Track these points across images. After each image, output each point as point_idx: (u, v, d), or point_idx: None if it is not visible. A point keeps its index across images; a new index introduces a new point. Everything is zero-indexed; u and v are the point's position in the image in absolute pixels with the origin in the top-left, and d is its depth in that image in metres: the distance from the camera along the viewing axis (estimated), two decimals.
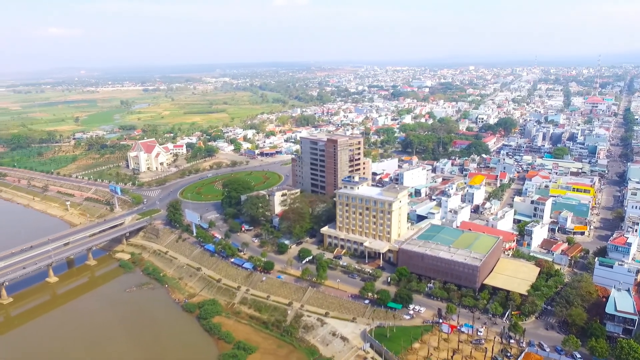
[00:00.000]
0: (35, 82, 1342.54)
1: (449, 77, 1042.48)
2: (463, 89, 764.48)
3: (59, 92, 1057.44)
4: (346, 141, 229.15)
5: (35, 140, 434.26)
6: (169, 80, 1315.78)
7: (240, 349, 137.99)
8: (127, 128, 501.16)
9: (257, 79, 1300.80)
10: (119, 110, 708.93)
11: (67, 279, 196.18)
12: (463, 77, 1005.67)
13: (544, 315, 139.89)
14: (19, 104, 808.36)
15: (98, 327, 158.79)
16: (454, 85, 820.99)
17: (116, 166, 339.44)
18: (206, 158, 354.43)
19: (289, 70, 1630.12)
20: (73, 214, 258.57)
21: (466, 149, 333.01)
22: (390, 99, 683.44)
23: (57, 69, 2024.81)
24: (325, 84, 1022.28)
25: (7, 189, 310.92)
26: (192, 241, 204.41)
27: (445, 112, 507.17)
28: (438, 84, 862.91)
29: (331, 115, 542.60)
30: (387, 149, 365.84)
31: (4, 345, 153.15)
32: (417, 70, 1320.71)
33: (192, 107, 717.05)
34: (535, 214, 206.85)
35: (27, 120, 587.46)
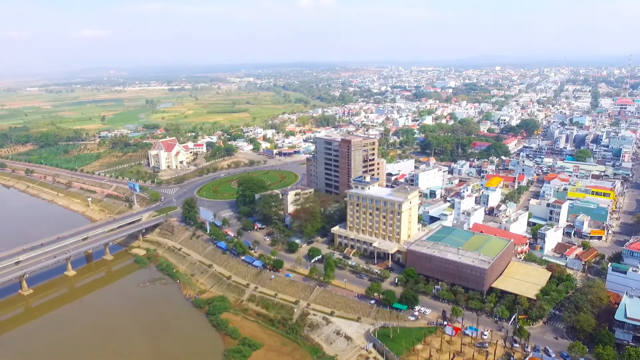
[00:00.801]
0: (67, 81, 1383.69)
1: (474, 77, 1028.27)
2: (487, 89, 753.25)
3: (88, 92, 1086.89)
4: (360, 141, 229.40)
5: (62, 138, 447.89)
6: (194, 80, 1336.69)
7: (245, 345, 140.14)
8: (150, 127, 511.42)
9: (282, 79, 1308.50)
10: (144, 109, 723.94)
11: (85, 273, 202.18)
12: (488, 78, 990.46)
13: (552, 321, 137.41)
14: (50, 103, 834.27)
15: (111, 320, 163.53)
16: (478, 86, 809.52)
17: (137, 164, 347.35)
18: (225, 157, 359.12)
19: (313, 70, 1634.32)
20: (94, 210, 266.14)
21: (485, 151, 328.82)
22: (413, 99, 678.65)
23: (88, 69, 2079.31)
24: (348, 84, 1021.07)
25: (34, 185, 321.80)
26: (206, 238, 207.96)
27: (467, 113, 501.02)
28: (462, 85, 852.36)
29: (352, 116, 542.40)
30: (406, 150, 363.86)
31: (24, 334, 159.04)
32: (442, 70, 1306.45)
33: (215, 107, 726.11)
34: (551, 217, 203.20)
35: (57, 118, 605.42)
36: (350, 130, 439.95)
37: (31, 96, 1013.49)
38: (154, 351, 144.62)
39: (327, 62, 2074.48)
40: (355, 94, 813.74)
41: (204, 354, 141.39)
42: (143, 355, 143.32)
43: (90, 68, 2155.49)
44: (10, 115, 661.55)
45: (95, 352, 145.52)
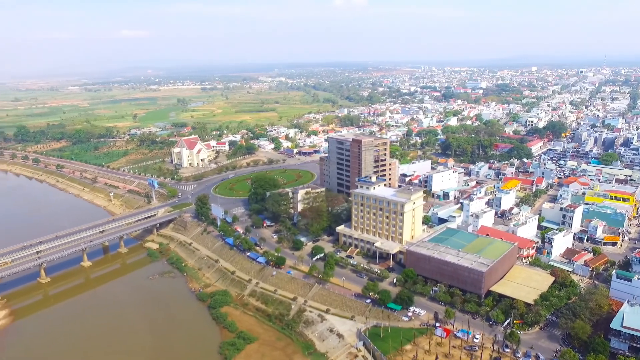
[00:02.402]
0: (106, 80, 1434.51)
1: (508, 78, 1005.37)
2: (519, 90, 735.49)
3: (124, 90, 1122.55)
4: (371, 142, 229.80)
5: (94, 135, 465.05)
6: (227, 80, 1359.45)
7: (240, 339, 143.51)
8: (178, 125, 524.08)
9: (313, 78, 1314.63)
10: (175, 108, 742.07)
11: (101, 264, 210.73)
12: (523, 79, 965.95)
13: (550, 327, 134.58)
14: (87, 102, 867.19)
15: (119, 309, 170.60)
16: (510, 87, 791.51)
17: (161, 161, 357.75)
18: (246, 155, 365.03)
19: (345, 70, 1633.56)
20: (115, 204, 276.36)
21: (507, 153, 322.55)
22: (441, 100, 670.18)
23: (126, 69, 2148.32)
24: (378, 84, 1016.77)
25: (63, 179, 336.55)
26: (215, 234, 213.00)
27: (494, 114, 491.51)
28: (494, 86, 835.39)
29: (377, 116, 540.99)
30: (427, 151, 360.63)
31: (40, 320, 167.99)
32: (475, 71, 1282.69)
33: (244, 106, 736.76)
34: (564, 222, 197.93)
35: (92, 116, 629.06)
36: (374, 131, 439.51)
37: (71, 95, 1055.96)
38: (154, 340, 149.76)
39: (359, 63, 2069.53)
40: (384, 94, 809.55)
41: (201, 346, 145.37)
42: (144, 343, 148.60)
43: (128, 67, 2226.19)
44: (50, 113, 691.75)
45: (102, 338, 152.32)
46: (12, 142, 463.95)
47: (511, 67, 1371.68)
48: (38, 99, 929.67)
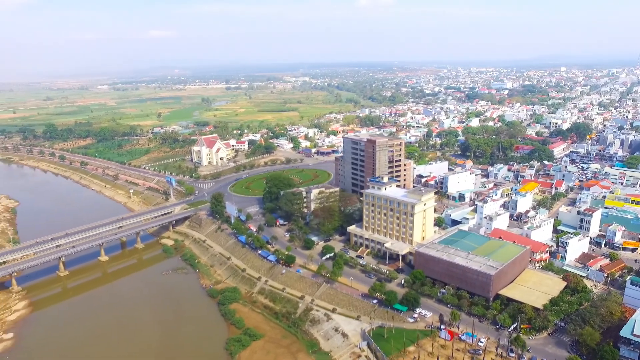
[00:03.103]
0: (134, 80, 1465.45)
1: (535, 78, 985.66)
2: (546, 91, 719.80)
3: (151, 90, 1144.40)
4: (385, 142, 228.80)
5: (119, 133, 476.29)
6: (251, 79, 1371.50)
7: (246, 335, 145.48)
8: (200, 124, 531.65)
9: (337, 78, 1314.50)
10: (199, 107, 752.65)
11: (118, 259, 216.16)
12: (550, 79, 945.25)
13: (558, 333, 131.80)
14: (115, 100, 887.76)
15: (133, 303, 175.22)
16: (536, 88, 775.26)
17: (182, 159, 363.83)
18: (264, 155, 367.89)
19: (370, 70, 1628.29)
20: (135, 201, 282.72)
21: (528, 155, 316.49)
22: (465, 101, 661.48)
23: (154, 68, 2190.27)
24: (402, 84, 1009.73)
25: (87, 176, 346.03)
26: (229, 232, 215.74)
27: (517, 115, 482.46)
28: (520, 86, 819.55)
29: (398, 117, 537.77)
30: (445, 152, 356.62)
31: (57, 312, 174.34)
32: (502, 71, 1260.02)
33: (267, 105, 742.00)
34: (581, 226, 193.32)
35: (118, 115, 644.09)
36: (393, 131, 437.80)
37: (100, 93, 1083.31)
38: (163, 334, 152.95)
39: (385, 63, 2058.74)
40: (407, 94, 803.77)
41: (208, 341, 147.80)
42: (153, 337, 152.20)
43: (156, 67, 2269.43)
44: (79, 112, 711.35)
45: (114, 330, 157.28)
46: (41, 140, 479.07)
47: (539, 68, 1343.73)
48: (68, 97, 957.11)
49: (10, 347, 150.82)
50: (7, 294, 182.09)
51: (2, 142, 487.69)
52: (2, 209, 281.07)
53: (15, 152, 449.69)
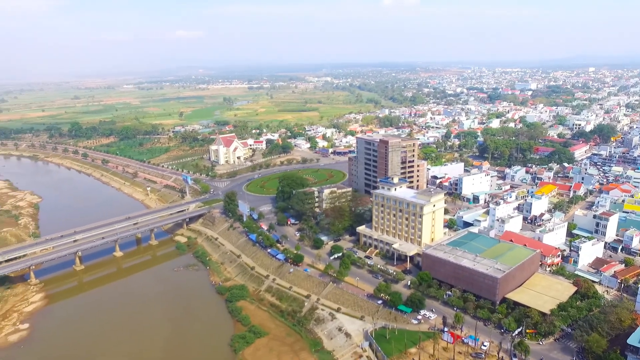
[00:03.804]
0: (159, 79, 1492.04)
1: (561, 79, 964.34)
2: (571, 92, 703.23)
3: (175, 89, 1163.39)
4: (398, 142, 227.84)
5: (140, 132, 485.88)
6: (274, 79, 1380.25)
7: (251, 332, 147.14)
8: (221, 123, 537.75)
9: (359, 78, 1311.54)
10: (220, 106, 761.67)
11: (133, 255, 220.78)
12: (577, 80, 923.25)
13: (565, 339, 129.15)
14: (139, 100, 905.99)
15: (143, 299, 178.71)
16: (562, 89, 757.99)
17: (200, 158, 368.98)
18: (281, 154, 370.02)
19: (392, 70, 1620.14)
20: (152, 198, 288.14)
21: (547, 157, 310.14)
22: (487, 102, 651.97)
23: (179, 68, 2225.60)
24: (424, 85, 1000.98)
25: (107, 173, 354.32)
26: (241, 230, 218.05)
27: (539, 117, 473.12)
28: (545, 87, 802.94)
29: (418, 117, 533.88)
30: (463, 153, 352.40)
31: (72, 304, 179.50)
32: (527, 72, 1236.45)
33: (287, 105, 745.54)
34: (597, 230, 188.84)
35: (141, 114, 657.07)
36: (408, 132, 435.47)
37: (125, 93, 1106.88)
38: (171, 330, 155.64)
39: (408, 63, 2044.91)
40: (429, 95, 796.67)
41: (214, 337, 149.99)
42: (160, 332, 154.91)
43: (181, 67, 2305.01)
44: (104, 110, 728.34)
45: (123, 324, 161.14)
46: (67, 138, 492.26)
47: (567, 68, 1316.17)
48: (95, 97, 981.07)
49: (26, 337, 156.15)
50: (25, 286, 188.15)
51: (30, 139, 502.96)
52: (26, 205, 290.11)
53: (41, 150, 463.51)
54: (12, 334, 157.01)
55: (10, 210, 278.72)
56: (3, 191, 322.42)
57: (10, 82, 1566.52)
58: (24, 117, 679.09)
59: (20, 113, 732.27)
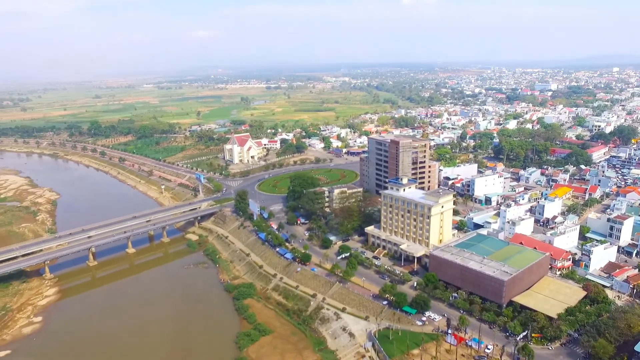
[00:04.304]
0: (178, 79, 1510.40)
1: (583, 79, 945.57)
2: (593, 93, 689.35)
3: (193, 89, 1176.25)
4: (409, 143, 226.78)
5: (158, 130, 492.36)
6: (292, 79, 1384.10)
7: (256, 330, 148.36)
8: (237, 123, 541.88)
9: (377, 78, 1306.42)
10: (238, 106, 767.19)
11: (145, 252, 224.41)
12: (600, 80, 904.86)
13: (572, 344, 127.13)
14: (158, 99, 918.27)
15: (153, 295, 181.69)
16: (583, 89, 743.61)
17: (214, 157, 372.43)
18: (295, 154, 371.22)
19: (411, 70, 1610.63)
20: (166, 196, 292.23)
21: (564, 159, 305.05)
22: (505, 102, 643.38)
23: (198, 68, 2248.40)
24: (442, 85, 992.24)
25: (124, 171, 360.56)
26: (251, 229, 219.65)
27: (558, 118, 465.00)
28: (565, 88, 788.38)
29: (434, 118, 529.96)
30: (478, 155, 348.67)
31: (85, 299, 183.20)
32: (548, 72, 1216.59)
33: (304, 105, 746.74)
34: (611, 234, 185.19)
35: (159, 113, 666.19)
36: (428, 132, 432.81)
37: (145, 92, 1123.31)
38: (178, 326, 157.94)
39: (427, 63, 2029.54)
40: (446, 95, 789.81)
41: (220, 334, 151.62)
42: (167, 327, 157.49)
43: (201, 66, 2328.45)
44: (123, 109, 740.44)
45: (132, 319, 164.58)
46: (86, 136, 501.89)
47: (590, 68, 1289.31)
48: (115, 96, 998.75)
49: (39, 329, 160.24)
50: (40, 280, 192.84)
51: (51, 138, 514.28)
52: (44, 201, 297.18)
53: (61, 148, 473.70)
54: (26, 327, 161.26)
55: (29, 206, 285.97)
56: (23, 188, 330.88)
57: (35, 81, 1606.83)
58: (46, 115, 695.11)
59: (43, 112, 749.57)
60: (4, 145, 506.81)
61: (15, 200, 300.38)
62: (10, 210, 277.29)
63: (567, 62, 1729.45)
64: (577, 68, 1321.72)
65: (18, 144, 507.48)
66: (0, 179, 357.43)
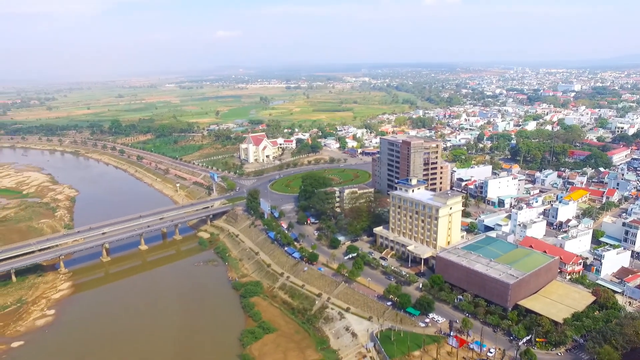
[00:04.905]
0: (200, 79, 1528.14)
1: (609, 80, 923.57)
2: (618, 93, 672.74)
3: (214, 88, 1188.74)
4: (420, 144, 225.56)
5: (176, 129, 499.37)
6: (312, 79, 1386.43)
7: (260, 328, 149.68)
8: (255, 122, 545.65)
9: (398, 79, 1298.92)
10: (257, 106, 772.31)
11: (157, 249, 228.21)
12: (627, 81, 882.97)
13: (577, 350, 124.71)
14: (179, 98, 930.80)
15: (163, 291, 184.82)
16: (608, 90, 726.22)
17: (230, 156, 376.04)
18: (309, 154, 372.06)
19: (432, 71, 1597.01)
20: (180, 195, 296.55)
21: (583, 161, 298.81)
22: (526, 103, 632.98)
23: (220, 67, 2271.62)
24: (462, 85, 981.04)
25: (141, 169, 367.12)
26: (261, 228, 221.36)
27: (579, 119, 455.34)
28: (590, 88, 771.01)
29: (452, 118, 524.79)
30: (495, 156, 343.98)
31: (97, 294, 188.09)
32: (573, 72, 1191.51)
33: (323, 105, 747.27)
34: (626, 239, 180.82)
35: (179, 112, 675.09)
36: (445, 133, 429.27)
37: (167, 92, 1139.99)
38: (184, 322, 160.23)
39: (449, 63, 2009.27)
40: (466, 96, 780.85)
41: (226, 331, 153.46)
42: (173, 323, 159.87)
43: (222, 66, 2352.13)
44: (145, 109, 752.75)
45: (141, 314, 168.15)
46: (107, 135, 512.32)
47: (617, 69, 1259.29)
48: (137, 95, 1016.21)
49: (51, 322, 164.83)
50: (55, 274, 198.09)
51: (73, 136, 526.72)
52: (63, 198, 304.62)
53: (83, 146, 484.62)
54: (39, 319, 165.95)
55: (49, 202, 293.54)
56: (44, 184, 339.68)
57: (62, 81, 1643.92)
58: (70, 114, 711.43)
59: (68, 111, 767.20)
60: (28, 143, 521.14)
61: (37, 197, 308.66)
62: (31, 206, 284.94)
63: (593, 63, 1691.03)
64: (603, 68, 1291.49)
65: (42, 141, 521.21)
66: (24, 176, 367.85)
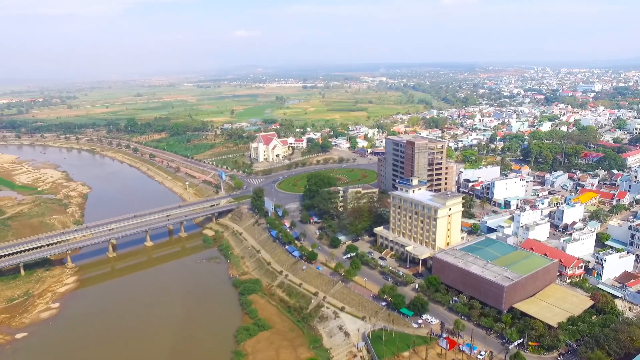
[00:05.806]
0: (218, 78, 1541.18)
1: (632, 80, 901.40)
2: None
3: (231, 87, 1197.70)
4: (425, 144, 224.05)
5: (191, 128, 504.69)
6: (329, 79, 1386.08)
7: (255, 325, 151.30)
8: (268, 121, 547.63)
9: (415, 79, 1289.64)
10: (272, 105, 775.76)
11: (163, 246, 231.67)
12: None
13: (570, 354, 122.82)
14: (196, 97, 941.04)
15: (166, 287, 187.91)
16: (630, 90, 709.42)
17: (241, 155, 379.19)
18: (319, 153, 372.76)
19: (450, 70, 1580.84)
20: (189, 193, 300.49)
21: (596, 162, 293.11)
22: (543, 104, 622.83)
23: (238, 67, 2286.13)
24: (480, 86, 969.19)
25: (153, 167, 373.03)
26: (264, 226, 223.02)
27: (596, 120, 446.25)
28: (611, 89, 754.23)
29: (466, 119, 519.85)
30: (506, 157, 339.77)
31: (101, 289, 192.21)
32: (595, 72, 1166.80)
33: (337, 105, 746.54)
34: (632, 242, 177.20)
35: (195, 111, 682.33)
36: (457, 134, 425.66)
37: (185, 91, 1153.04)
38: (183, 318, 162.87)
39: (468, 63, 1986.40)
40: (483, 96, 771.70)
41: (222, 327, 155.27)
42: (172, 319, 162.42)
43: (241, 66, 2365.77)
44: (162, 107, 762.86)
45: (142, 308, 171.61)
46: (123, 133, 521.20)
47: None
48: (156, 94, 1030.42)
49: (55, 314, 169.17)
50: (62, 269, 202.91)
51: (90, 134, 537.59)
52: (76, 194, 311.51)
53: (98, 144, 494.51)
54: (44, 312, 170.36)
55: (62, 199, 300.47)
56: (59, 181, 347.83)
57: (84, 80, 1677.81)
58: (89, 112, 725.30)
59: (87, 109, 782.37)
60: (47, 140, 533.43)
61: (51, 193, 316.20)
62: (45, 203, 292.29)
63: (617, 62, 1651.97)
64: (627, 68, 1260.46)
65: (60, 139, 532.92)
66: (40, 173, 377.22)
